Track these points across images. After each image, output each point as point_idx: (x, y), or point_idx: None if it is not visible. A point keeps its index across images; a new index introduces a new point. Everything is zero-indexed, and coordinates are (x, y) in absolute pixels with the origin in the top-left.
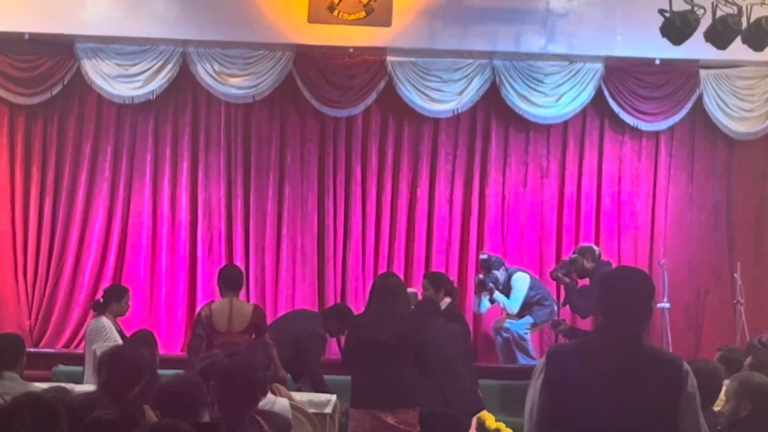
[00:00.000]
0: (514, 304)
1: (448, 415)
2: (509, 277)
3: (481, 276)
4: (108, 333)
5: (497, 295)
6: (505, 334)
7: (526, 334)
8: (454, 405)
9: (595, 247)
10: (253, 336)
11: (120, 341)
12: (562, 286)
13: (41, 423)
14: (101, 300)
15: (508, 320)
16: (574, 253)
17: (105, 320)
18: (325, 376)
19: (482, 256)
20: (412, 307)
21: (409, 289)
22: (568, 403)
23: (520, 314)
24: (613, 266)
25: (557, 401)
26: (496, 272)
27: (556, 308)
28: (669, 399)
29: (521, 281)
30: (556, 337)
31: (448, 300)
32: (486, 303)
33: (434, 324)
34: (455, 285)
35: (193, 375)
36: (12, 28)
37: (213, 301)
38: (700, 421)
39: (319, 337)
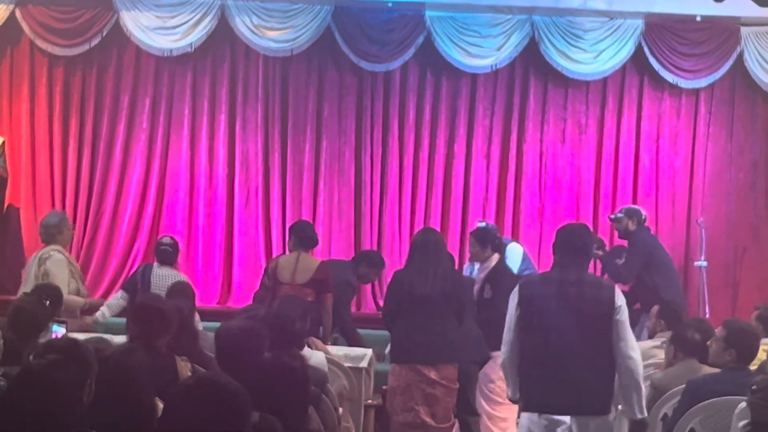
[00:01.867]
0: None
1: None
2: (503, 246)
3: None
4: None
5: None
6: None
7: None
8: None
9: (643, 211)
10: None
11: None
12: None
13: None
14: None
15: None
16: (620, 212)
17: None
18: (361, 330)
19: (480, 224)
20: None
21: (481, 223)
22: (534, 316)
23: None
24: (652, 231)
25: (526, 315)
26: None
27: None
28: (605, 311)
29: (515, 252)
30: None
31: (496, 257)
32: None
33: None
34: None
35: (252, 323)
36: None
37: (282, 254)
38: (627, 329)
39: (347, 286)
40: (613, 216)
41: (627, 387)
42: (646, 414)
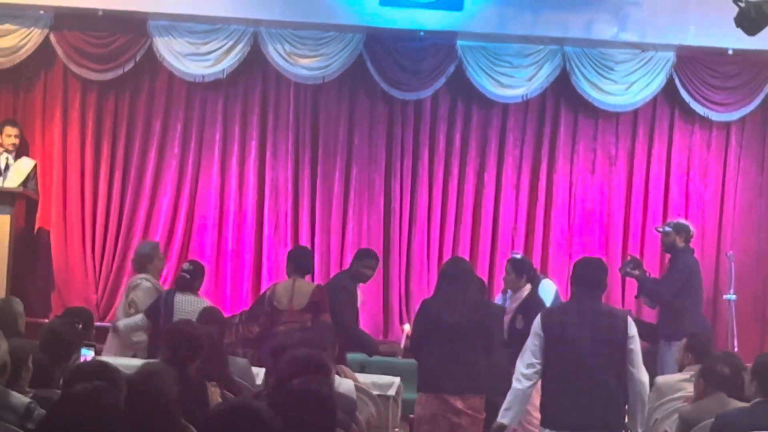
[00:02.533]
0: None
1: None
2: (537, 282)
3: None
4: None
5: None
6: None
7: None
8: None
9: (691, 228)
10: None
11: None
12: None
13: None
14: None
15: None
16: (669, 225)
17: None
18: (389, 359)
19: (516, 256)
20: None
21: (516, 254)
22: (553, 343)
23: None
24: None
25: (547, 341)
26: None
27: None
28: (619, 340)
29: (548, 289)
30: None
31: (528, 287)
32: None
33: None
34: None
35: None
36: (86, 5)
37: (278, 282)
38: (640, 358)
39: (341, 290)
40: (661, 228)
41: (634, 406)
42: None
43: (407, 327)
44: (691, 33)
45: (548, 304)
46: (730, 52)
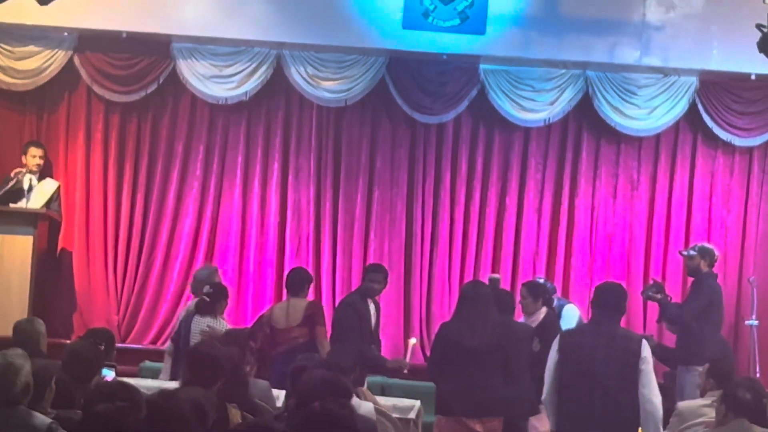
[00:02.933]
0: None
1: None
2: (561, 307)
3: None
4: None
5: None
6: None
7: None
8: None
9: (716, 252)
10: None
11: None
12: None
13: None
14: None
15: None
16: (694, 249)
17: (224, 321)
18: (409, 382)
19: (539, 280)
20: None
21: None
22: (571, 362)
23: None
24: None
25: (565, 360)
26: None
27: None
28: (632, 361)
29: (572, 314)
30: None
31: (544, 310)
32: None
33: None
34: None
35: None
36: (110, 27)
37: (275, 303)
38: (652, 378)
39: (346, 307)
40: (686, 252)
41: (646, 426)
42: None
43: (413, 341)
44: (714, 58)
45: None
46: (753, 77)
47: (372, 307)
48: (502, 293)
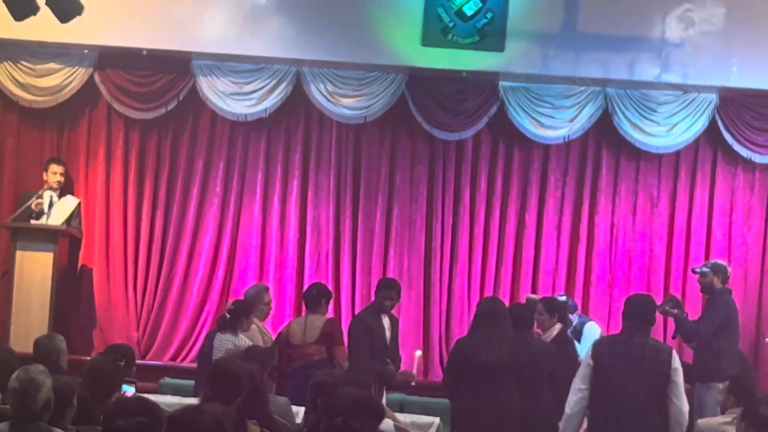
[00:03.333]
0: (582, 352)
1: None
2: (582, 324)
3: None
4: None
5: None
6: None
7: None
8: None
9: (729, 268)
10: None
11: None
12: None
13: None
14: (229, 317)
15: None
16: (706, 266)
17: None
18: (426, 398)
19: (561, 298)
20: None
21: (532, 296)
22: (602, 370)
23: None
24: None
25: (596, 369)
26: (570, 315)
27: None
28: (663, 371)
29: (594, 331)
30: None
31: (558, 326)
32: None
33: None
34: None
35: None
36: (131, 44)
37: (293, 319)
38: (682, 389)
39: (356, 324)
40: (698, 269)
41: None
42: None
43: (418, 353)
44: (734, 75)
45: None
46: None
47: (386, 323)
48: (522, 309)
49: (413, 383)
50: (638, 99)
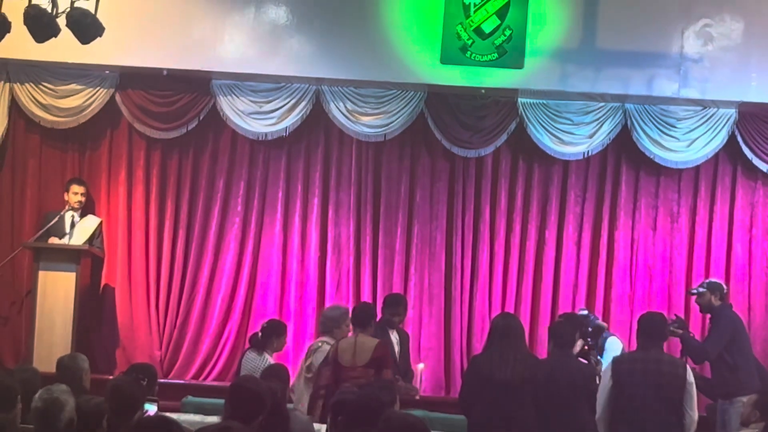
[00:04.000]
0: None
1: None
2: (604, 339)
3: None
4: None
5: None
6: None
7: None
8: None
9: (724, 285)
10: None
11: None
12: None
13: None
14: (261, 335)
15: None
16: (702, 286)
17: (269, 357)
18: (449, 415)
19: (582, 312)
20: None
21: (583, 311)
22: (622, 386)
23: None
24: (744, 320)
25: (617, 385)
26: (590, 330)
27: None
28: (679, 385)
29: (615, 346)
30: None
31: (580, 342)
32: None
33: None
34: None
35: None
36: (151, 64)
37: (342, 338)
38: (695, 400)
39: None
40: (695, 290)
41: None
42: None
43: (421, 366)
44: (753, 89)
45: None
46: None
47: (395, 338)
48: (564, 327)
49: (417, 397)
50: (657, 114)
